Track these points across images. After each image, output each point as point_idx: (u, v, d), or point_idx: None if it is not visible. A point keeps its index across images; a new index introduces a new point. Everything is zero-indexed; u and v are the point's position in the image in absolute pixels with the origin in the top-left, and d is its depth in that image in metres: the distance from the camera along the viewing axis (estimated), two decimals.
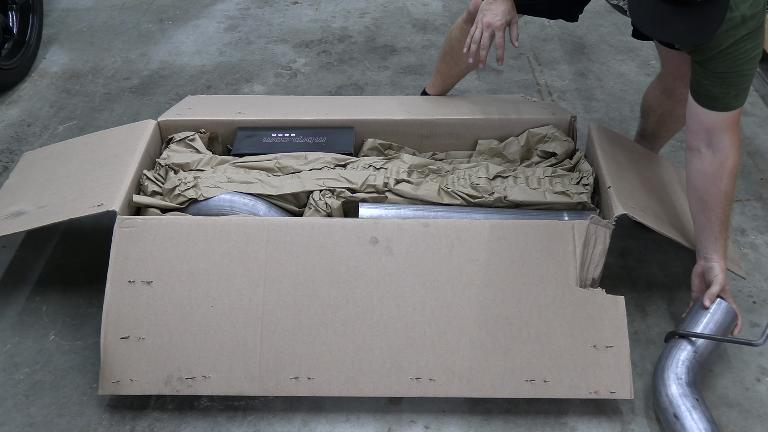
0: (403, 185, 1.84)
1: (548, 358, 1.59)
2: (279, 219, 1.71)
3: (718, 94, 1.55)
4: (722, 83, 1.53)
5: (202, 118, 2.06)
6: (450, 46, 2.14)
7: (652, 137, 2.10)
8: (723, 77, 1.53)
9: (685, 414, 1.47)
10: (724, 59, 1.50)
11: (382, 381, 1.59)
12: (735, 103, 1.56)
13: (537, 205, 1.81)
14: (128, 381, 1.58)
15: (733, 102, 1.56)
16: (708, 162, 1.61)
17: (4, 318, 1.82)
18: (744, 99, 1.57)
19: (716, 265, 1.66)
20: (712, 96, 1.56)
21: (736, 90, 1.54)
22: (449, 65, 2.18)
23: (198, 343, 1.59)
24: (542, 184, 1.86)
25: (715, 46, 1.50)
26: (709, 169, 1.62)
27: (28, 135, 2.54)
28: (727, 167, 1.60)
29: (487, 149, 2.03)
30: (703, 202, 1.64)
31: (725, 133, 1.58)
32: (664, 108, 2.00)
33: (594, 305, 1.61)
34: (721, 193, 1.62)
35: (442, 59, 2.21)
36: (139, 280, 1.61)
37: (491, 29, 1.81)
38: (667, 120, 2.03)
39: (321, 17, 3.37)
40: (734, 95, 1.54)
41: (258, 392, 1.58)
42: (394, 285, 1.62)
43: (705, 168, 1.62)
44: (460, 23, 2.08)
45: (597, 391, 1.57)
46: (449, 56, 2.16)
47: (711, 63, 1.53)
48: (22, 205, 1.80)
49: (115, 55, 3.06)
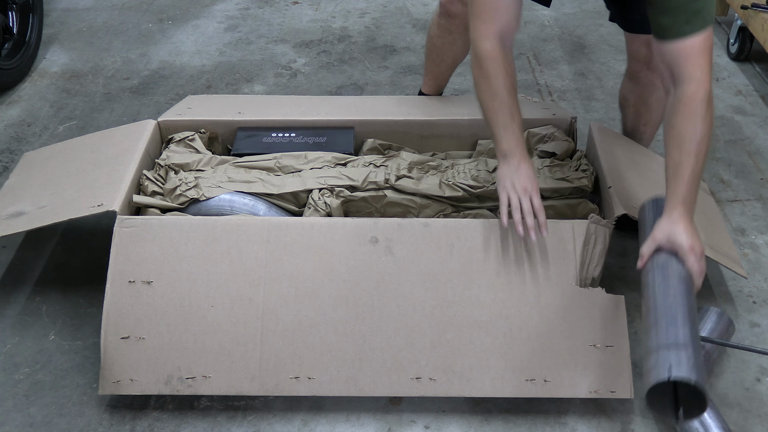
0: (404, 181, 1.84)
1: (548, 357, 1.59)
2: (279, 219, 1.71)
3: (668, 22, 1.49)
4: (668, 9, 1.47)
5: (202, 118, 2.06)
6: (432, 44, 2.17)
7: (633, 133, 2.09)
8: (666, 2, 1.47)
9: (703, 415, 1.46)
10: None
11: (383, 381, 1.59)
12: (688, 29, 1.47)
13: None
14: (128, 381, 1.58)
15: (685, 27, 1.47)
16: (675, 98, 1.51)
17: (4, 318, 1.82)
18: (701, 23, 1.47)
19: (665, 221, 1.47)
20: (663, 26, 1.50)
21: (686, 13, 1.46)
22: (436, 62, 2.20)
23: (198, 343, 1.59)
24: (542, 173, 1.87)
25: None
26: (679, 105, 1.50)
27: (28, 135, 2.54)
28: (696, 99, 1.48)
29: (487, 150, 2.03)
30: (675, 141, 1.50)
31: (686, 63, 1.49)
32: (636, 96, 2.00)
33: (594, 305, 1.61)
34: (697, 132, 1.47)
35: (428, 58, 2.23)
36: (139, 280, 1.61)
37: (528, 195, 1.58)
38: (641, 111, 2.02)
39: (321, 17, 3.37)
40: (685, 20, 1.47)
41: (258, 392, 1.58)
42: (394, 285, 1.62)
43: (674, 104, 1.51)
44: (435, 19, 2.09)
45: (597, 391, 1.57)
46: (433, 54, 2.19)
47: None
48: (22, 205, 1.80)
49: (115, 55, 3.06)
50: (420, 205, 1.83)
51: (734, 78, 2.86)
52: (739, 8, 2.79)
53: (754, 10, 2.69)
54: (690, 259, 1.43)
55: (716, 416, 1.47)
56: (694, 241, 1.43)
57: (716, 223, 1.93)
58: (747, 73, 2.89)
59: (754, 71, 2.90)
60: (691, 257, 1.43)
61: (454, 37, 2.07)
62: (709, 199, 2.06)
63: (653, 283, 1.42)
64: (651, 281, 1.43)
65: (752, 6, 2.69)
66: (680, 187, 1.46)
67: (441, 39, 2.11)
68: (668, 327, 1.32)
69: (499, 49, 1.58)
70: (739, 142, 2.48)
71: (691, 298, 1.39)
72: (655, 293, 1.40)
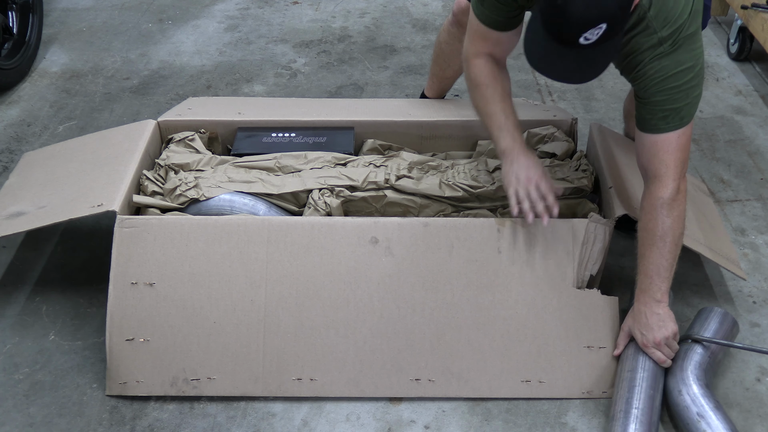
0: (404, 181, 1.84)
1: (544, 359, 1.60)
2: (279, 218, 1.71)
3: (646, 114, 1.50)
4: (648, 103, 1.48)
5: (202, 118, 2.06)
6: (440, 49, 2.17)
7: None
8: (647, 97, 1.48)
9: (710, 413, 1.46)
10: (642, 79, 1.47)
11: (383, 382, 1.59)
12: (663, 126, 1.48)
13: None
14: (135, 382, 1.59)
15: (660, 124, 1.48)
16: (644, 194, 1.54)
17: (4, 318, 1.82)
18: (678, 122, 1.48)
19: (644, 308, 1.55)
20: (641, 118, 1.51)
21: (663, 111, 1.47)
22: (442, 68, 2.21)
23: (202, 345, 1.59)
24: None
25: (633, 66, 1.47)
26: (647, 200, 1.52)
27: (28, 135, 2.54)
28: (660, 198, 1.49)
29: (487, 150, 2.03)
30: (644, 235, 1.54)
31: (654, 158, 1.50)
32: None
33: (590, 306, 1.62)
34: (665, 227, 1.50)
35: (435, 62, 2.23)
36: (141, 281, 1.61)
37: (534, 182, 1.59)
38: None
39: (321, 17, 3.37)
40: (661, 116, 1.47)
41: (262, 393, 1.59)
42: (394, 286, 1.62)
43: (642, 199, 1.55)
44: (446, 26, 2.11)
45: (590, 391, 1.59)
46: (441, 59, 2.19)
47: (635, 84, 1.51)
48: (22, 205, 1.80)
49: (115, 55, 3.06)
50: (420, 205, 1.83)
51: (734, 78, 2.86)
52: (739, 8, 2.79)
53: (754, 10, 2.69)
54: (649, 352, 1.54)
55: (723, 418, 1.47)
56: (647, 333, 1.53)
57: (716, 223, 1.93)
58: (747, 73, 2.89)
59: (754, 71, 2.90)
60: (651, 351, 1.54)
61: None
62: (709, 200, 2.07)
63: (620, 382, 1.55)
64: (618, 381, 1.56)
65: (752, 6, 2.69)
66: (640, 278, 1.56)
67: (450, 46, 2.11)
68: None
69: (491, 62, 1.63)
70: (739, 142, 2.48)
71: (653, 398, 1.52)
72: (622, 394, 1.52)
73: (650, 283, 1.53)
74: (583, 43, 1.29)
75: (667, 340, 1.53)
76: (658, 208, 1.50)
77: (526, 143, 1.65)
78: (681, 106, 1.47)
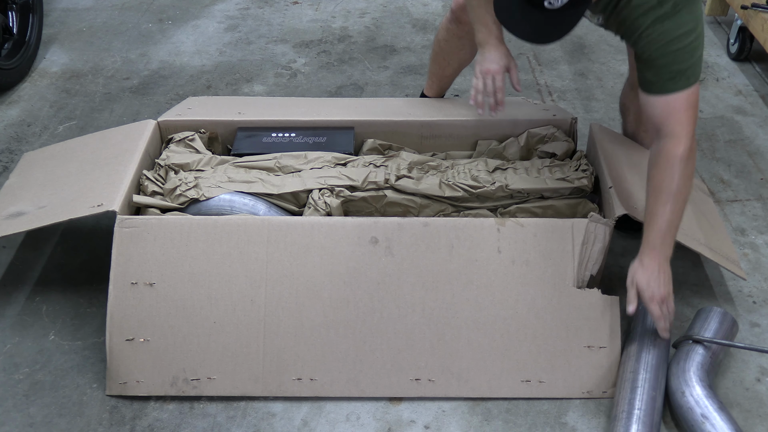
0: (404, 181, 1.84)
1: (544, 358, 1.60)
2: (279, 218, 1.71)
3: (652, 77, 1.52)
4: (652, 66, 1.50)
5: (202, 118, 2.06)
6: (439, 47, 2.16)
7: (633, 138, 2.10)
8: (651, 60, 1.50)
9: (714, 414, 1.46)
10: (645, 42, 1.49)
11: (383, 381, 1.59)
12: (672, 86, 1.50)
13: (539, 192, 1.82)
14: (135, 382, 1.59)
15: (669, 84, 1.50)
16: (656, 151, 1.55)
17: (4, 318, 1.82)
18: (685, 82, 1.50)
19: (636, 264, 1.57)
20: (647, 80, 1.53)
21: (670, 72, 1.49)
22: (441, 66, 2.20)
23: (202, 345, 1.59)
24: (542, 173, 1.87)
25: (634, 30, 1.49)
26: (662, 156, 1.53)
27: (28, 135, 2.54)
28: (675, 154, 1.51)
29: (487, 150, 2.03)
30: (657, 192, 1.54)
31: (667, 119, 1.52)
32: (637, 105, 2.00)
33: (590, 306, 1.62)
34: (673, 185, 1.51)
35: (434, 61, 2.22)
36: (141, 281, 1.61)
37: (491, 75, 1.77)
38: (642, 118, 2.02)
39: (321, 17, 3.37)
40: (669, 78, 1.49)
41: (262, 393, 1.59)
42: (394, 286, 1.62)
43: (654, 157, 1.55)
44: (445, 24, 2.10)
45: (589, 391, 1.59)
46: (440, 57, 2.18)
47: (637, 47, 1.52)
48: (22, 205, 1.80)
49: (115, 55, 3.06)
50: (420, 205, 1.83)
51: (734, 78, 2.86)
52: (739, 8, 2.79)
53: (754, 10, 2.69)
54: (650, 308, 1.54)
55: (728, 418, 1.47)
56: (655, 288, 1.53)
57: (716, 223, 1.93)
58: (747, 73, 2.89)
59: (754, 71, 2.90)
60: (651, 307, 1.54)
61: (463, 43, 2.07)
62: (709, 200, 2.07)
63: (622, 383, 1.55)
64: (621, 382, 1.56)
65: (752, 6, 2.69)
66: (652, 234, 1.54)
67: (449, 43, 2.11)
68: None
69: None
70: (739, 142, 2.48)
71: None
72: (624, 395, 1.53)
73: (662, 240, 1.54)
74: (547, 7, 1.34)
75: (668, 298, 1.55)
76: (674, 164, 1.51)
77: (500, 34, 1.75)
78: (686, 67, 1.49)
